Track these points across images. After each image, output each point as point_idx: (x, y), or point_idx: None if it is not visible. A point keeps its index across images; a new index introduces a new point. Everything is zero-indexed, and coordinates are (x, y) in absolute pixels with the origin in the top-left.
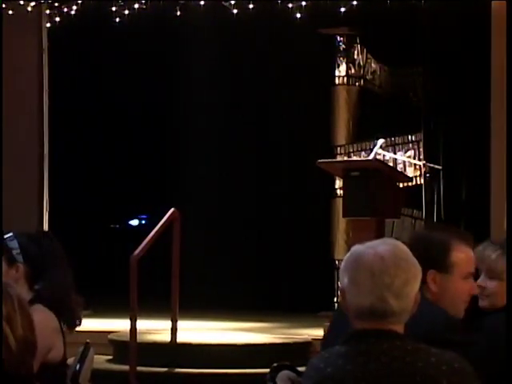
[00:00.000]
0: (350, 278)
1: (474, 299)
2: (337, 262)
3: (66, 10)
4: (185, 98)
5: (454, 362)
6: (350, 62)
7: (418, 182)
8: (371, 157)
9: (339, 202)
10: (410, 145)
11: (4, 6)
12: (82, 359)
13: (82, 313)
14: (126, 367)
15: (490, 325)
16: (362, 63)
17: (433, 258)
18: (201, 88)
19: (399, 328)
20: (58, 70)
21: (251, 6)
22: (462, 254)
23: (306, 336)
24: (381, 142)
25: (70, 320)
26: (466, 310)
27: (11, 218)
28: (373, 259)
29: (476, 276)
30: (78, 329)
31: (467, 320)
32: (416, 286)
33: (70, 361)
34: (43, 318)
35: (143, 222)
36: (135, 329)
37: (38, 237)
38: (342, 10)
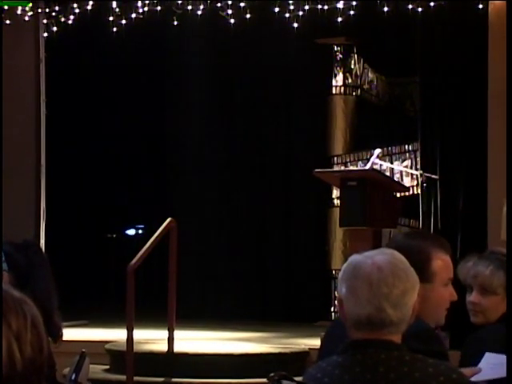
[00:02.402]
0: (347, 287)
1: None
2: (334, 272)
3: (63, 19)
4: (182, 108)
5: (451, 373)
6: (347, 71)
7: (415, 192)
8: (368, 166)
9: (336, 212)
10: (407, 154)
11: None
12: (77, 368)
13: (62, 325)
14: (122, 377)
15: (491, 336)
16: (358, 73)
17: (414, 268)
18: (198, 97)
19: (397, 338)
20: (55, 79)
21: (248, 15)
22: (442, 262)
23: (303, 346)
24: (378, 151)
25: (52, 329)
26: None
27: (8, 227)
28: (371, 269)
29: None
30: (74, 338)
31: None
32: (414, 295)
33: (66, 370)
34: None
35: (140, 231)
36: (132, 338)
37: (23, 246)
38: (339, 19)
